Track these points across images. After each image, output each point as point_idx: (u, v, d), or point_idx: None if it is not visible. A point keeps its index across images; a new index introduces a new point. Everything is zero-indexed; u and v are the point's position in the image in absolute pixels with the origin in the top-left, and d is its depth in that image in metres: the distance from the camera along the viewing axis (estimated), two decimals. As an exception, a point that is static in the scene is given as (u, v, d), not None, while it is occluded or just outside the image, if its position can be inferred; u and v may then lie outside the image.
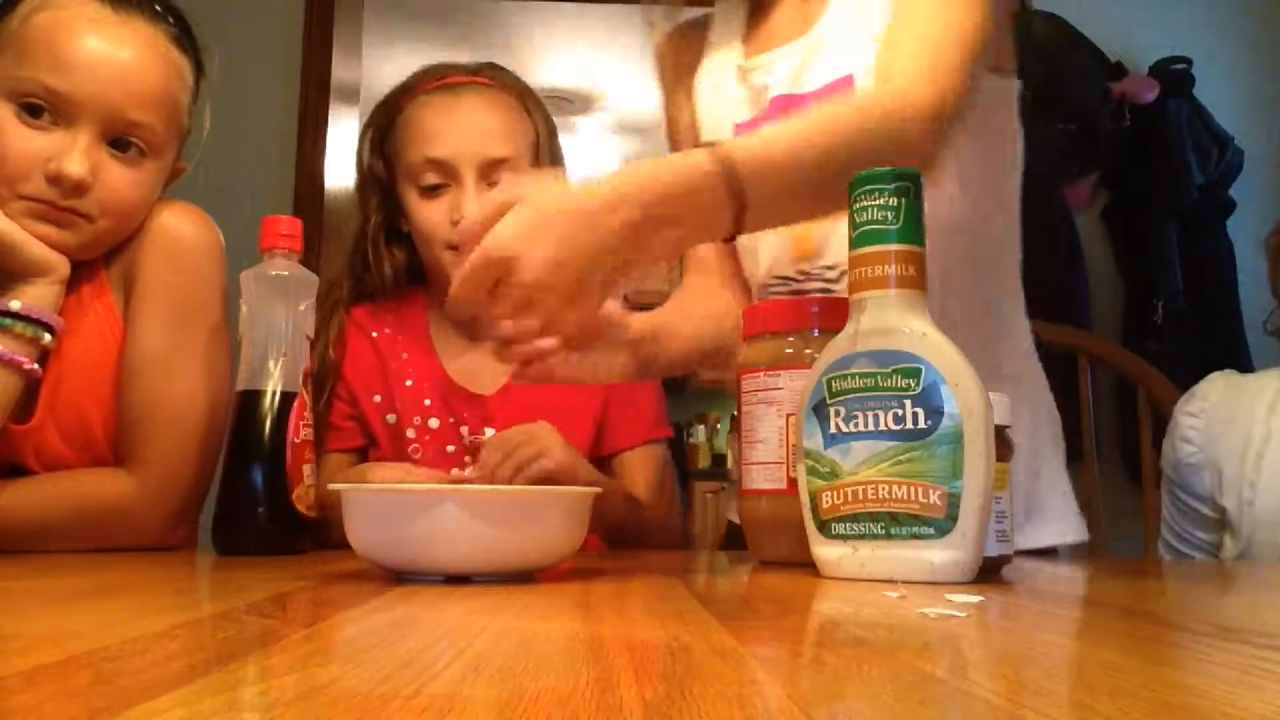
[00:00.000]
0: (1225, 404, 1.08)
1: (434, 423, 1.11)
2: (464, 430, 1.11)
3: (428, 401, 1.12)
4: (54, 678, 0.29)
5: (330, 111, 2.39)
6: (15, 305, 0.84)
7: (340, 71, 2.44)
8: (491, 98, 1.11)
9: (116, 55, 0.87)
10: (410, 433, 1.11)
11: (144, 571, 0.71)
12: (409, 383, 1.12)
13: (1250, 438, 1.04)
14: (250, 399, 0.85)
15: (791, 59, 0.93)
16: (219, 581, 0.65)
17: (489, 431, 1.10)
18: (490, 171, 1.08)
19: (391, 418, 1.12)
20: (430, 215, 1.08)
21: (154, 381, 0.91)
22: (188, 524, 0.94)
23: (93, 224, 0.88)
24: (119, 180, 0.89)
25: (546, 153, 1.13)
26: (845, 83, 0.89)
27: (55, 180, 0.85)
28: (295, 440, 0.85)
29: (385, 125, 1.13)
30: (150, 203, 0.93)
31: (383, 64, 3.03)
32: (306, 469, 0.87)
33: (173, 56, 0.92)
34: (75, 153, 0.85)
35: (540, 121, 1.14)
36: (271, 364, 0.86)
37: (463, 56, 1.17)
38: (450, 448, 1.11)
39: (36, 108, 0.85)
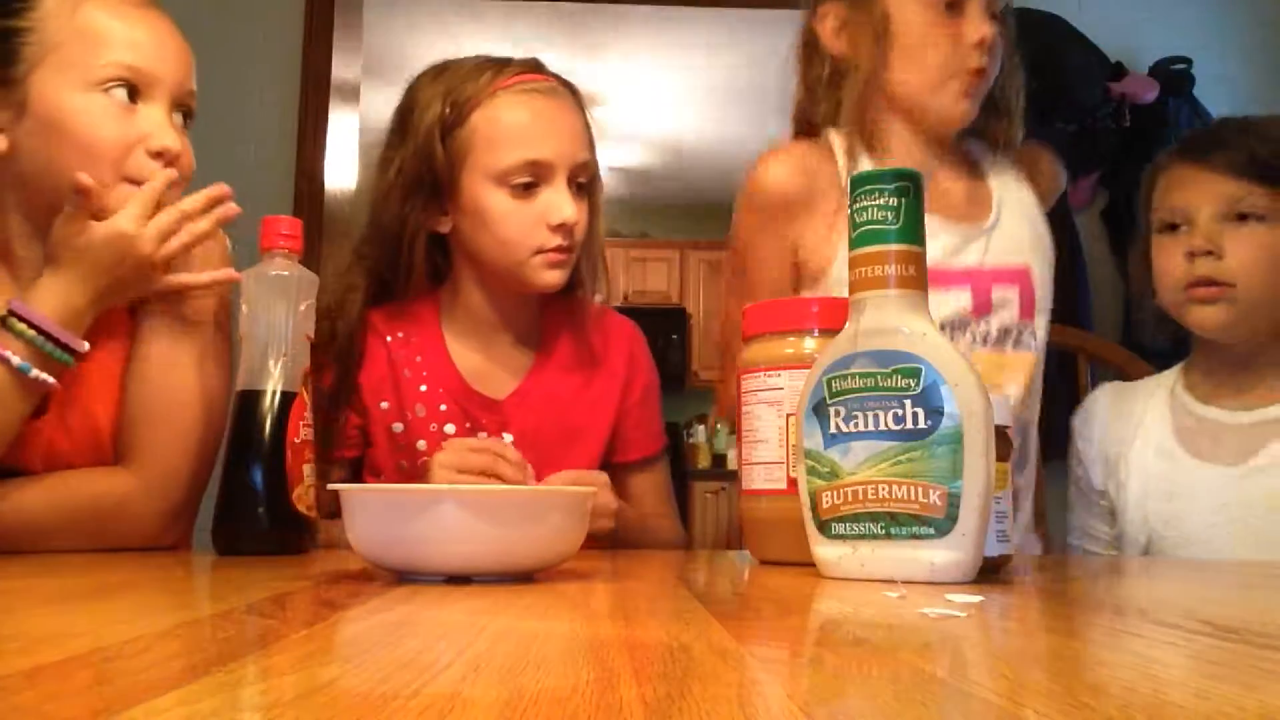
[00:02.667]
0: (1115, 402, 1.22)
1: (450, 428, 1.08)
2: (481, 435, 1.09)
3: (443, 407, 1.09)
4: (54, 678, 0.29)
5: (330, 111, 2.39)
6: (85, 347, 0.85)
7: (340, 71, 2.44)
8: (570, 100, 1.10)
9: (171, 32, 0.92)
10: (422, 444, 1.07)
11: (144, 571, 0.71)
12: (423, 387, 1.09)
13: (1128, 423, 1.17)
14: (250, 399, 0.85)
15: (978, 241, 1.14)
16: (219, 581, 0.65)
17: (507, 437, 1.09)
18: (578, 173, 1.07)
19: (399, 426, 1.08)
20: (523, 218, 1.05)
21: (156, 380, 0.91)
22: (185, 522, 0.94)
23: (175, 192, 0.91)
24: (188, 146, 0.92)
25: (596, 156, 1.13)
26: (1023, 272, 1.15)
27: (159, 155, 0.88)
28: (295, 440, 0.85)
29: (454, 120, 1.06)
30: None
31: (383, 64, 3.02)
32: (306, 469, 0.87)
33: None
34: (169, 127, 0.90)
35: (593, 125, 1.13)
36: (271, 364, 0.86)
37: (463, 56, 1.14)
38: None
39: (121, 87, 0.87)
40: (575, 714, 0.25)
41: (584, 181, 1.09)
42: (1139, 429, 1.17)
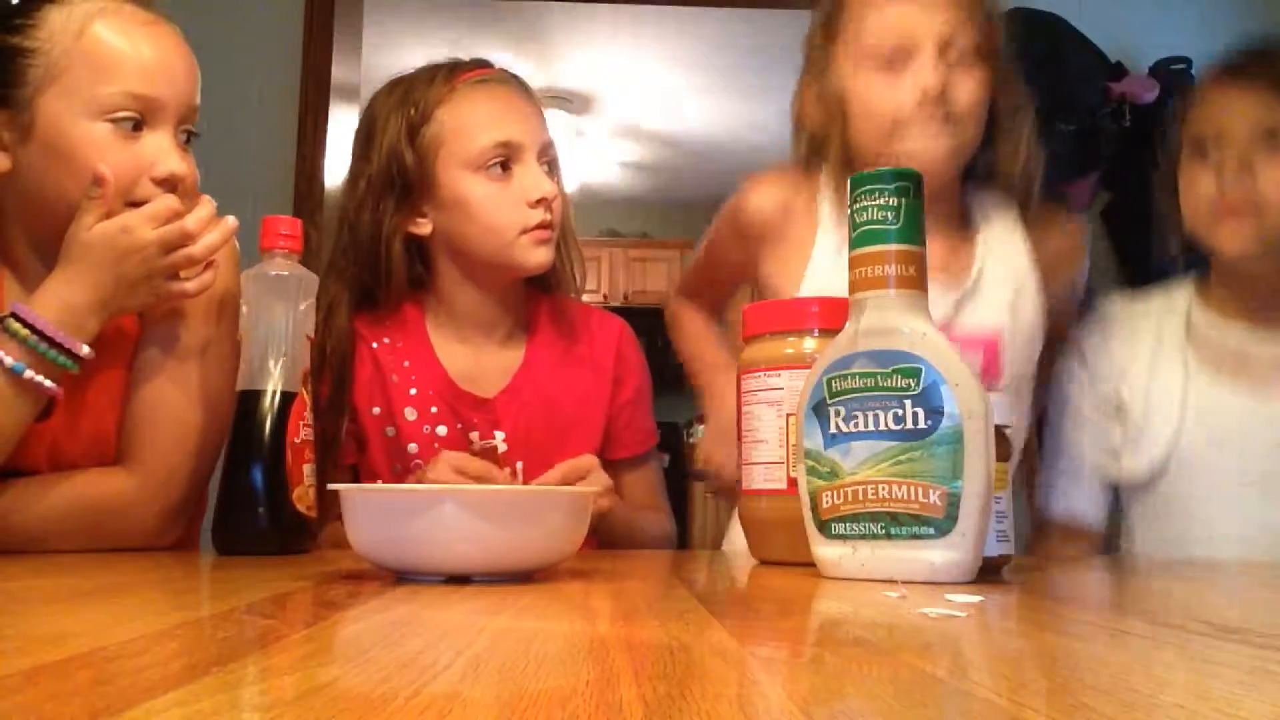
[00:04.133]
0: (1125, 313, 1.20)
1: (442, 430, 1.09)
2: (474, 436, 1.09)
3: (434, 409, 1.10)
4: (54, 678, 0.29)
5: (330, 111, 2.39)
6: (85, 352, 0.84)
7: (340, 71, 2.44)
8: (522, 88, 1.14)
9: (179, 50, 0.91)
10: (412, 447, 1.08)
11: (144, 571, 0.71)
12: (413, 390, 1.10)
13: (1145, 335, 1.16)
14: (250, 399, 0.85)
15: (949, 296, 1.07)
16: (219, 581, 0.65)
17: (499, 434, 1.09)
18: (544, 153, 1.10)
19: (391, 430, 1.09)
20: (504, 199, 1.07)
21: (160, 381, 0.91)
22: (184, 523, 0.94)
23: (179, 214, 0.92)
24: (191, 164, 0.92)
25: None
26: (991, 340, 1.08)
27: (165, 182, 0.88)
28: (295, 440, 0.85)
29: (419, 120, 1.09)
30: None
31: (383, 64, 3.01)
32: (306, 469, 0.87)
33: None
34: (174, 152, 0.89)
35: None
36: (271, 364, 0.86)
37: (463, 55, 1.16)
38: None
39: (128, 119, 0.86)
40: (575, 714, 0.25)
41: (550, 162, 1.11)
42: (1160, 342, 1.15)
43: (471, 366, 1.13)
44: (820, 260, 1.09)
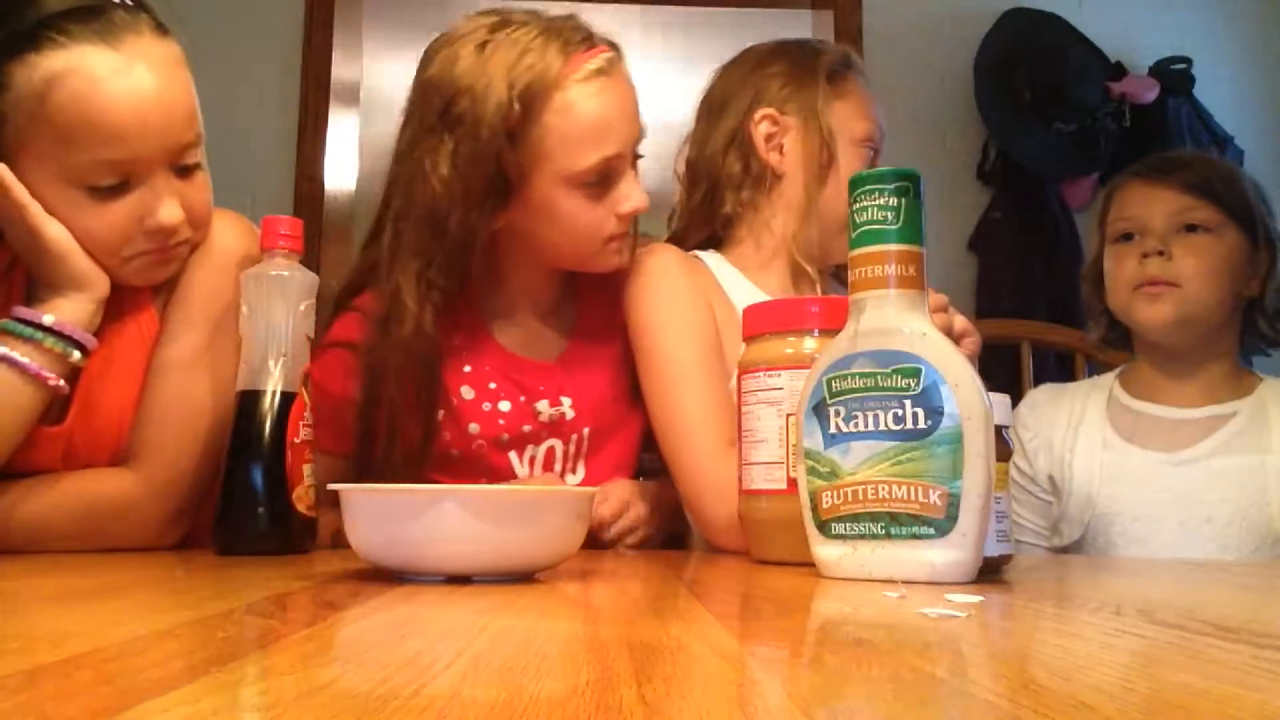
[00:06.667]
0: (1052, 398, 1.34)
1: (505, 405, 1.04)
2: (541, 405, 1.05)
3: (492, 385, 1.05)
4: (54, 678, 0.29)
5: (330, 111, 2.39)
6: (49, 320, 0.84)
7: (340, 71, 2.44)
8: (623, 67, 1.03)
9: (153, 96, 0.83)
10: (473, 426, 1.03)
11: (144, 571, 0.71)
12: (467, 368, 1.04)
13: (1071, 415, 1.29)
14: (250, 399, 0.85)
15: None
16: (219, 581, 0.65)
17: (566, 402, 1.05)
18: (638, 151, 1.03)
19: (441, 413, 1.03)
20: (595, 214, 1.00)
21: (176, 382, 0.91)
22: (187, 523, 0.94)
23: (189, 243, 0.92)
24: (195, 197, 0.90)
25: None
26: None
27: (157, 233, 0.87)
28: (295, 440, 0.85)
29: (522, 119, 0.96)
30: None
31: (383, 64, 3.00)
32: (306, 469, 0.87)
33: (175, 54, 0.88)
34: (164, 201, 0.86)
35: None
36: (271, 364, 0.86)
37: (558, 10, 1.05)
38: (527, 427, 1.05)
39: (109, 179, 0.83)
40: (575, 714, 0.25)
41: (639, 156, 1.04)
42: (1082, 419, 1.28)
43: (524, 336, 1.08)
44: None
